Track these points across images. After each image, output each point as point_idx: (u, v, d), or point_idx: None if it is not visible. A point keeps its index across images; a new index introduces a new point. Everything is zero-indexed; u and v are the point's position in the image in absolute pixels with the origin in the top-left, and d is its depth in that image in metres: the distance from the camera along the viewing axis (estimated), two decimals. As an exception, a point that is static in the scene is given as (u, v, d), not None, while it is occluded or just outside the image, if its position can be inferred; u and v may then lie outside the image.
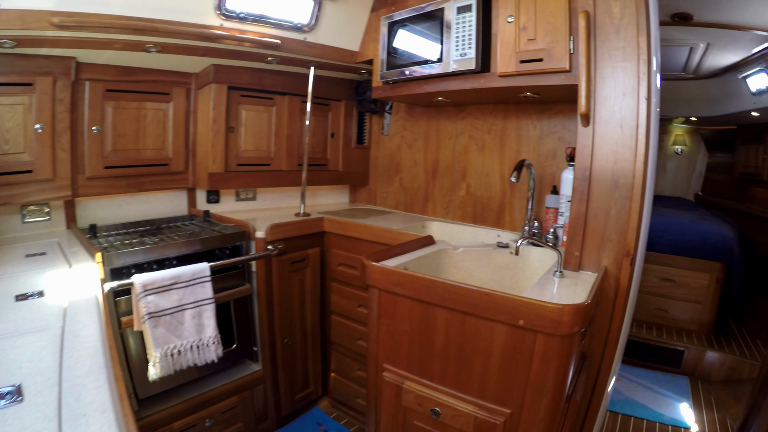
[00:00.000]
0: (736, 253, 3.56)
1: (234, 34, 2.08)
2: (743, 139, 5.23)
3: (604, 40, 1.58)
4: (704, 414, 2.94)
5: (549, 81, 1.75)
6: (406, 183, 2.97)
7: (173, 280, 1.78)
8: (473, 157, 2.58)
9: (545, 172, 2.27)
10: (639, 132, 1.52)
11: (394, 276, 1.47)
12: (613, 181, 1.58)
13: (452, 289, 1.33)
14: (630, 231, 1.56)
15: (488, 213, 2.53)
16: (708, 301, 3.64)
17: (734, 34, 3.46)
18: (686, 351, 3.46)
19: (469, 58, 1.94)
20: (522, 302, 1.21)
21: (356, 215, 2.69)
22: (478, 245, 2.02)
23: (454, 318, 1.37)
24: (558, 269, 1.58)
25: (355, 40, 2.60)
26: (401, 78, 2.26)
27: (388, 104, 3.01)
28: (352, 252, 2.41)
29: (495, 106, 2.46)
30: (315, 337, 2.57)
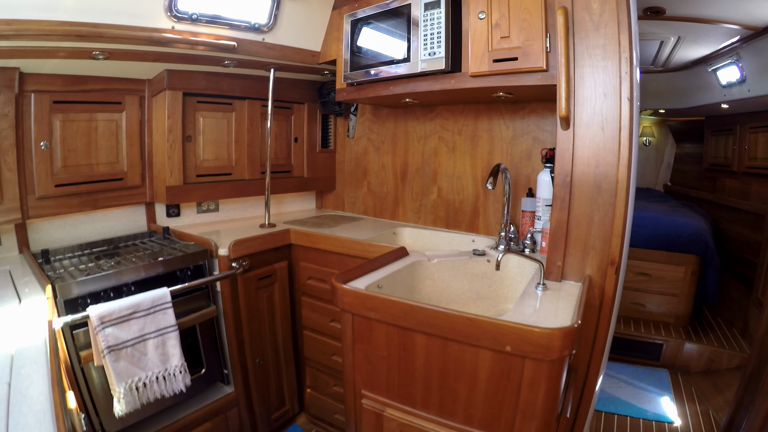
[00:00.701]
0: (711, 245, 3.60)
1: (186, 37, 1.95)
2: (712, 130, 5.27)
3: (584, 38, 1.50)
4: (686, 407, 2.96)
5: (525, 81, 1.67)
6: (375, 187, 2.86)
7: (132, 309, 1.65)
8: (444, 159, 2.50)
9: (520, 174, 2.20)
10: (622, 135, 1.44)
11: (368, 300, 1.36)
12: (596, 187, 1.50)
13: (432, 314, 1.23)
14: (614, 238, 1.48)
15: (461, 217, 2.45)
16: (684, 294, 3.69)
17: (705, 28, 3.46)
18: (665, 344, 3.49)
19: (439, 58, 1.85)
20: (508, 327, 1.12)
21: (324, 223, 2.59)
22: (454, 254, 1.93)
23: (435, 343, 1.28)
24: (540, 281, 1.50)
25: (316, 40, 2.49)
26: (367, 79, 2.16)
27: (353, 106, 2.90)
28: (321, 265, 2.31)
29: (465, 106, 2.38)
30: (288, 354, 2.46)
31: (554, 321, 1.24)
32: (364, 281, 1.54)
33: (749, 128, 4.36)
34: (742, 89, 3.91)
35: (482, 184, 2.34)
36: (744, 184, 4.49)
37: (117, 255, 2.04)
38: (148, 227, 2.46)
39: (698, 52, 4.15)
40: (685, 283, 3.67)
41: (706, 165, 5.43)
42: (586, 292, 1.39)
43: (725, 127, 4.86)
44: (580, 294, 1.41)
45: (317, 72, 2.71)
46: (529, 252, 1.94)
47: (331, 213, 3.03)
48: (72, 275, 1.72)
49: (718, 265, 3.64)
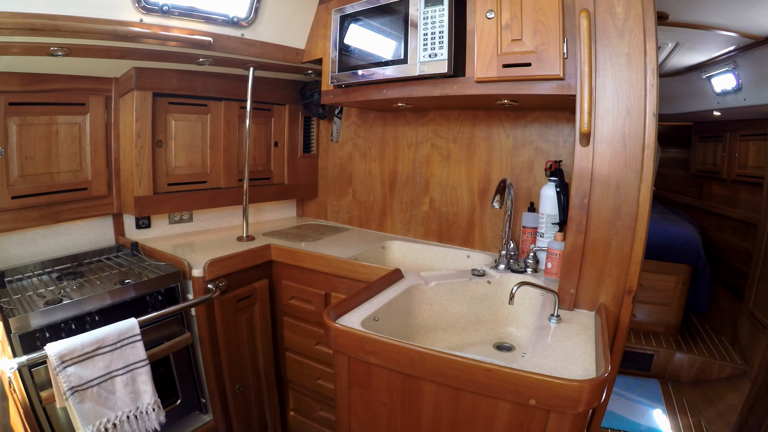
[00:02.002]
0: (703, 255, 3.59)
1: (156, 31, 1.76)
2: (700, 136, 5.25)
3: (606, 45, 1.36)
4: (679, 419, 2.93)
5: (538, 90, 1.53)
6: (361, 196, 2.70)
7: (96, 344, 1.46)
8: (437, 168, 2.35)
9: (520, 186, 2.07)
10: (645, 154, 1.31)
11: (367, 343, 1.19)
12: (615, 210, 1.36)
13: (444, 362, 1.08)
14: (633, 265, 1.36)
15: (455, 230, 2.31)
16: (675, 303, 3.68)
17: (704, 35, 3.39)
18: (655, 354, 3.48)
19: (440, 60, 1.68)
20: (534, 380, 0.98)
21: (307, 235, 2.44)
22: (452, 275, 1.79)
23: (446, 393, 1.13)
24: (554, 312, 1.37)
25: (300, 37, 2.31)
26: (356, 81, 1.98)
27: (337, 108, 2.72)
28: (305, 284, 2.14)
29: (462, 112, 2.23)
30: (269, 377, 2.29)
31: (578, 365, 1.11)
32: (359, 314, 1.38)
33: (740, 136, 4.35)
34: (737, 97, 3.87)
35: (478, 196, 2.21)
36: (733, 191, 4.47)
37: (81, 275, 1.85)
38: (117, 241, 2.25)
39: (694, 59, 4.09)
40: (676, 292, 3.64)
41: (693, 171, 5.42)
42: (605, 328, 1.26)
43: (714, 133, 4.84)
44: (598, 327, 1.28)
45: (300, 71, 2.54)
46: (531, 272, 1.82)
47: (313, 222, 2.87)
48: (29, 303, 1.54)
49: (709, 275, 3.61)
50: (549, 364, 1.10)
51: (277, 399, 2.36)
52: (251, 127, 2.39)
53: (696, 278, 3.61)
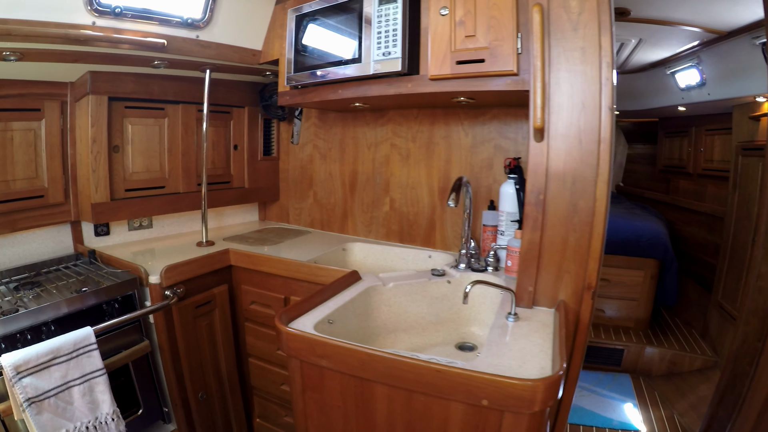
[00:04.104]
0: (670, 249, 3.62)
1: (108, 34, 1.70)
2: (666, 131, 5.33)
3: (560, 39, 1.33)
4: (651, 412, 2.95)
5: (492, 86, 1.51)
6: (322, 198, 2.66)
7: (51, 354, 1.41)
8: (396, 168, 2.32)
9: (480, 185, 2.05)
10: (601, 148, 1.29)
11: (318, 346, 1.16)
12: (572, 205, 1.34)
13: (395, 364, 1.05)
14: (591, 261, 1.34)
15: (416, 231, 2.29)
16: (643, 298, 3.70)
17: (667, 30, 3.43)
18: (625, 349, 3.50)
19: (394, 58, 1.66)
20: (485, 380, 0.96)
21: (267, 239, 2.39)
22: (411, 276, 1.76)
23: (398, 395, 1.10)
24: (511, 311, 1.35)
25: (257, 38, 2.27)
26: (312, 81, 1.95)
27: (297, 109, 2.68)
28: (264, 289, 2.09)
29: (420, 111, 2.21)
30: (233, 384, 2.24)
31: (533, 363, 1.09)
32: (313, 317, 1.34)
33: (705, 130, 4.41)
34: (702, 92, 3.93)
35: (438, 196, 2.19)
36: (699, 185, 4.54)
37: (39, 285, 1.78)
38: (75, 249, 2.17)
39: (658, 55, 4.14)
40: (645, 287, 3.67)
41: (659, 166, 5.50)
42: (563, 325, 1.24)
43: (680, 129, 4.91)
44: (557, 325, 1.26)
45: (258, 73, 2.49)
46: (492, 270, 1.79)
47: (275, 226, 2.81)
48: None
49: (677, 269, 3.65)
50: (504, 364, 1.07)
51: (242, 406, 2.31)
52: (210, 131, 2.35)
53: (664, 272, 3.64)
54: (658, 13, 3.13)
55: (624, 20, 3.28)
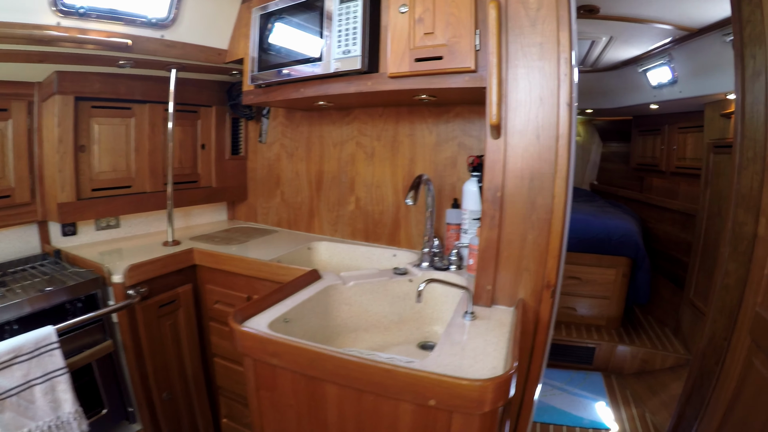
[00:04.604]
0: (642, 247, 3.63)
1: (73, 34, 1.68)
2: (640, 130, 5.37)
3: (518, 35, 1.32)
4: (622, 411, 2.96)
5: (450, 83, 1.50)
6: (289, 197, 2.63)
7: (13, 353, 1.39)
8: (362, 167, 2.30)
9: (444, 183, 2.04)
10: (560, 144, 1.28)
11: (269, 344, 1.14)
12: (530, 203, 1.33)
13: (342, 363, 1.04)
14: (550, 259, 1.33)
15: (381, 229, 2.27)
16: (615, 296, 3.72)
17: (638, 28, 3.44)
18: (597, 347, 3.50)
19: (354, 57, 1.65)
20: (431, 380, 0.94)
21: (234, 238, 2.36)
22: (372, 274, 1.74)
23: (348, 395, 1.08)
24: (468, 310, 1.33)
25: (223, 37, 2.24)
26: (276, 80, 1.93)
27: (265, 108, 2.65)
28: (228, 288, 2.07)
29: (385, 109, 2.19)
30: (199, 384, 2.21)
31: (485, 363, 1.07)
32: (269, 315, 1.32)
33: (678, 128, 4.44)
34: (673, 90, 3.95)
35: (403, 194, 2.17)
36: (672, 183, 4.57)
37: (4, 285, 1.74)
38: (42, 249, 2.13)
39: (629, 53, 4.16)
40: (616, 285, 3.69)
41: (633, 164, 5.54)
42: (519, 324, 1.23)
43: (653, 127, 4.95)
44: (513, 324, 1.25)
45: (225, 72, 2.46)
46: (455, 269, 1.78)
47: (243, 225, 2.78)
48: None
49: (649, 267, 3.68)
50: (455, 363, 1.06)
51: (209, 406, 2.28)
52: (176, 130, 2.32)
53: (636, 270, 3.66)
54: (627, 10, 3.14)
55: (593, 17, 3.29)
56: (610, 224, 3.77)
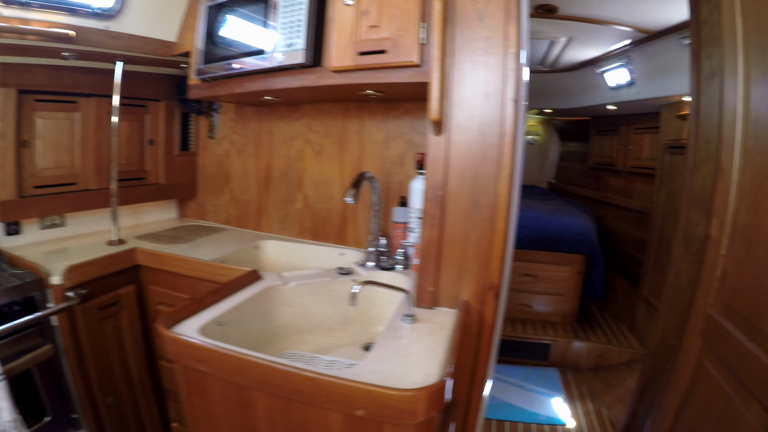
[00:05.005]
0: (596, 245, 3.67)
1: (14, 24, 1.59)
2: (597, 130, 5.45)
3: (465, 29, 1.29)
4: (578, 406, 2.98)
5: (394, 77, 1.45)
6: (238, 194, 2.55)
7: None
8: (310, 164, 2.24)
9: (392, 180, 2.00)
10: (504, 141, 1.25)
11: (196, 351, 1.08)
12: (473, 201, 1.30)
13: (268, 370, 0.98)
14: (494, 260, 1.30)
15: (329, 228, 2.22)
16: (570, 293, 3.75)
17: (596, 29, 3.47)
18: (552, 343, 3.54)
19: (297, 50, 1.59)
20: (357, 389, 0.90)
21: (181, 237, 2.27)
22: (315, 274, 1.69)
23: (276, 403, 1.03)
24: (407, 312, 1.29)
25: (171, 29, 2.15)
26: (221, 74, 1.86)
27: (216, 103, 2.57)
28: (171, 289, 1.99)
29: (334, 105, 2.13)
30: (145, 388, 2.12)
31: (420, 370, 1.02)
32: (202, 319, 1.25)
33: (635, 129, 4.51)
34: (631, 92, 4.01)
35: (350, 193, 2.13)
36: (628, 182, 4.65)
37: None
38: None
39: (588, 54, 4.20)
40: (571, 282, 3.72)
41: (590, 164, 5.62)
42: (460, 327, 1.19)
43: (610, 127, 5.02)
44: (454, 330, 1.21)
45: (174, 65, 2.34)
46: (402, 269, 1.74)
47: (192, 223, 2.68)
48: None
49: (604, 264, 3.73)
50: (387, 371, 1.01)
51: (157, 410, 2.19)
52: (124, 125, 2.22)
53: (591, 268, 3.70)
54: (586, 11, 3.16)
55: (552, 17, 3.30)
56: (565, 222, 3.81)
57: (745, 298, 1.38)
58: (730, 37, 1.52)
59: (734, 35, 1.49)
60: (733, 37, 1.50)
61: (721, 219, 1.57)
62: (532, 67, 4.92)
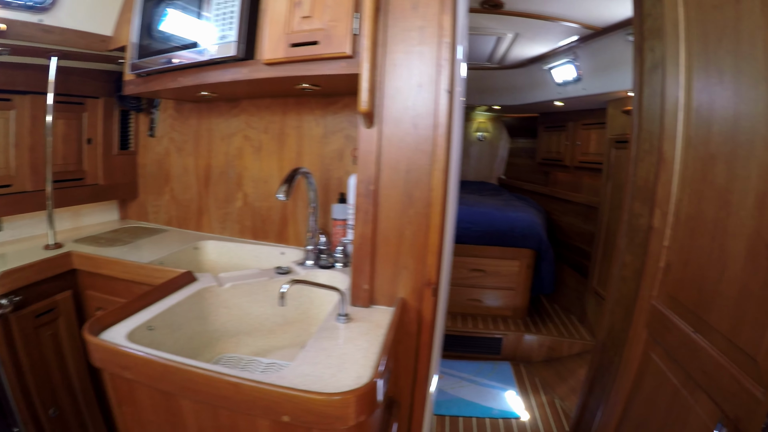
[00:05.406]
0: (545, 239, 3.71)
1: None
2: (545, 126, 5.53)
3: (399, 18, 1.25)
4: (531, 398, 3.01)
5: (326, 69, 1.39)
6: (178, 194, 2.46)
7: None
8: (249, 161, 2.18)
9: (331, 176, 1.95)
10: (438, 132, 1.22)
11: (121, 357, 1.03)
12: (406, 196, 1.26)
13: (192, 376, 0.93)
14: (430, 255, 1.27)
15: (270, 226, 2.16)
16: (520, 287, 3.79)
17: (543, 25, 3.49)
18: (504, 337, 3.57)
19: (229, 42, 1.52)
20: (281, 395, 0.86)
21: (120, 239, 2.17)
22: (252, 275, 1.63)
23: (204, 410, 0.98)
24: (341, 312, 1.24)
25: (107, 22, 2.04)
26: (155, 69, 1.77)
27: (156, 99, 2.46)
28: (108, 293, 1.90)
29: (273, 100, 2.07)
30: (89, 397, 2.02)
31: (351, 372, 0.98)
32: (131, 324, 1.19)
33: (582, 125, 4.59)
34: (577, 88, 4.06)
35: (289, 191, 2.07)
36: (576, 177, 4.73)
37: None
38: None
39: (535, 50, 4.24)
40: (521, 276, 3.76)
41: (539, 159, 5.71)
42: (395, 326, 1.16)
43: (558, 123, 5.11)
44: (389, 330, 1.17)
45: (112, 61, 2.23)
46: (342, 266, 1.71)
47: (134, 225, 2.57)
48: None
49: (553, 258, 3.77)
50: (316, 374, 0.96)
51: (103, 420, 2.09)
52: (60, 123, 2.12)
53: (540, 262, 3.74)
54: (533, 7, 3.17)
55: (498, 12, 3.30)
56: (513, 217, 3.84)
57: (689, 289, 1.38)
58: (672, 27, 1.52)
59: (676, 26, 1.49)
60: (675, 28, 1.50)
61: (663, 210, 1.58)
62: (480, 64, 4.95)
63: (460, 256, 3.71)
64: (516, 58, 4.57)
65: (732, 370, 1.09)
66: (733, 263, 1.15)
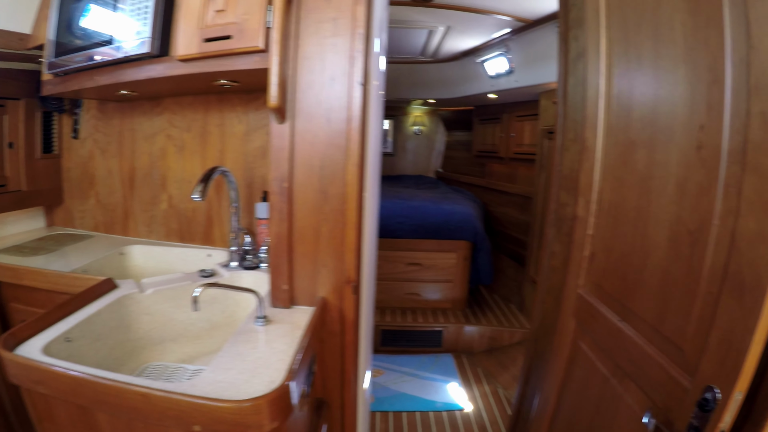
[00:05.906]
0: (480, 230, 3.74)
1: None
2: (480, 118, 5.61)
3: (312, 10, 1.22)
4: (474, 389, 3.03)
5: (240, 65, 1.35)
6: (103, 198, 2.34)
7: None
8: (173, 161, 2.10)
9: (254, 175, 1.91)
10: (352, 125, 1.20)
11: (34, 372, 0.98)
12: (322, 193, 1.24)
13: (102, 389, 0.90)
14: (348, 252, 1.24)
15: (195, 228, 2.09)
16: (458, 279, 3.81)
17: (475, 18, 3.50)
18: (444, 330, 3.58)
19: (143, 39, 1.45)
20: (190, 404, 0.83)
21: (44, 247, 2.05)
22: (174, 279, 1.57)
23: (120, 423, 0.95)
24: (259, 314, 1.20)
25: (25, 20, 1.91)
26: (72, 67, 1.67)
27: (78, 100, 2.33)
28: (31, 305, 1.79)
29: (195, 98, 2.00)
30: (21, 416, 1.92)
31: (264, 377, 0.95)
32: (48, 336, 1.12)
33: (516, 117, 4.67)
34: (510, 80, 4.11)
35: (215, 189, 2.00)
36: (511, 168, 4.82)
37: None
38: None
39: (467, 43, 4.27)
40: (458, 268, 3.79)
41: (475, 152, 5.78)
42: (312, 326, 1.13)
43: (493, 115, 5.18)
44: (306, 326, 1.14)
45: (32, 60, 2.09)
46: (266, 267, 1.66)
47: (60, 232, 2.43)
48: None
49: (489, 249, 3.81)
50: (229, 379, 0.93)
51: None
52: None
53: (477, 253, 3.78)
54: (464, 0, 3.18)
55: (428, 6, 3.30)
56: (447, 209, 3.86)
57: (613, 278, 1.38)
58: (593, 15, 1.53)
59: (597, 13, 1.50)
60: (596, 15, 1.51)
61: (587, 198, 1.58)
62: (413, 58, 4.95)
63: (395, 250, 3.71)
64: (449, 51, 4.59)
65: (659, 359, 1.09)
66: (656, 250, 1.15)
